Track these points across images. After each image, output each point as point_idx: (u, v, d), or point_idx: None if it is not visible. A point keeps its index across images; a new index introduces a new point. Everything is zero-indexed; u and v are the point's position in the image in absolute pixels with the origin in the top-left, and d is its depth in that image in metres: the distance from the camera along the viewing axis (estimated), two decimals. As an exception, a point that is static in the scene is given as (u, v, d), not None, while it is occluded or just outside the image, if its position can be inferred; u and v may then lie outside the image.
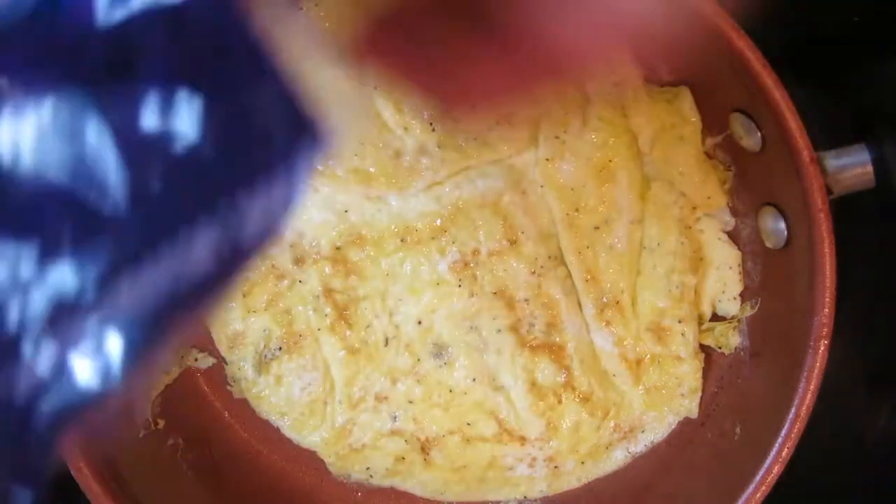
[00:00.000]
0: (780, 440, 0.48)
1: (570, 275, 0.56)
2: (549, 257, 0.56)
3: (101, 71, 0.24)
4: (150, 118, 0.24)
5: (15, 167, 0.23)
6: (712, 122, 0.56)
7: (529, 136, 0.55)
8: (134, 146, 0.24)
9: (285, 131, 0.28)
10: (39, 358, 0.24)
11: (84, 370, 0.24)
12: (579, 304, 0.57)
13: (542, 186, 0.55)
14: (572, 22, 0.30)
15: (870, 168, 0.48)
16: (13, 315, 0.24)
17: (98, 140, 0.24)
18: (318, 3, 0.54)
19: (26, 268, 0.23)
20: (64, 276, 0.24)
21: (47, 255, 0.24)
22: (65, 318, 0.24)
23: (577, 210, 0.56)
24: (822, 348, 0.48)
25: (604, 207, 0.56)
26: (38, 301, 0.24)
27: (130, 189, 0.24)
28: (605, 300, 0.57)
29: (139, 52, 0.24)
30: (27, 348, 0.24)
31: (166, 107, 0.25)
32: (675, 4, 0.36)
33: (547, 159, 0.55)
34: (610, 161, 0.55)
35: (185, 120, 0.25)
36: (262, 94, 0.27)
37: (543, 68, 0.32)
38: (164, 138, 0.25)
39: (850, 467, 0.63)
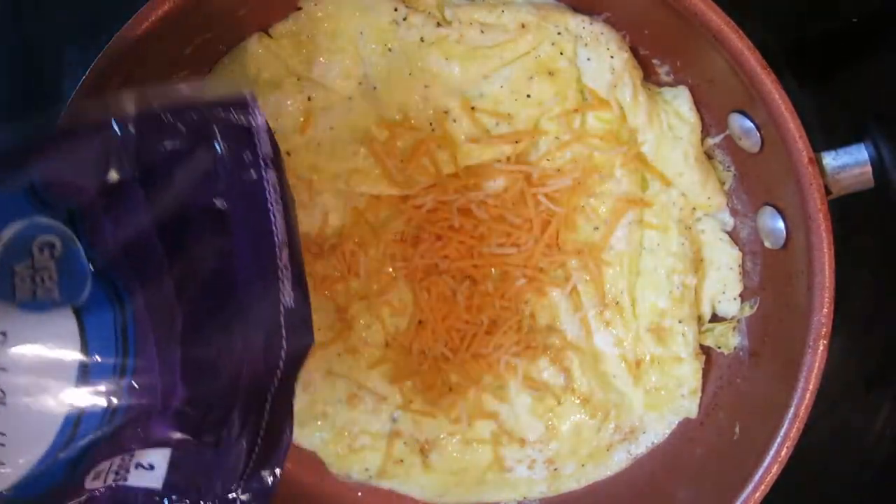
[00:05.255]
0: (779, 440, 0.48)
1: (569, 276, 0.56)
2: (549, 259, 0.56)
3: None
4: None
5: None
6: (712, 122, 0.56)
7: (530, 137, 0.55)
8: None
9: None
10: None
11: None
12: (579, 306, 0.57)
13: (542, 187, 0.55)
14: None
15: (868, 168, 0.48)
16: None
17: None
18: (318, 3, 0.55)
19: None
20: None
21: None
22: None
23: (576, 210, 0.56)
24: (821, 348, 0.48)
25: (604, 208, 0.56)
26: None
27: None
28: (605, 301, 0.57)
29: None
30: None
31: None
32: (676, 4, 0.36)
33: (547, 160, 0.55)
34: (609, 161, 0.56)
35: None
36: None
37: None
38: None
39: (850, 467, 0.63)
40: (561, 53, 0.55)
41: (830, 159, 0.48)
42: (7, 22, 0.61)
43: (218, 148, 0.36)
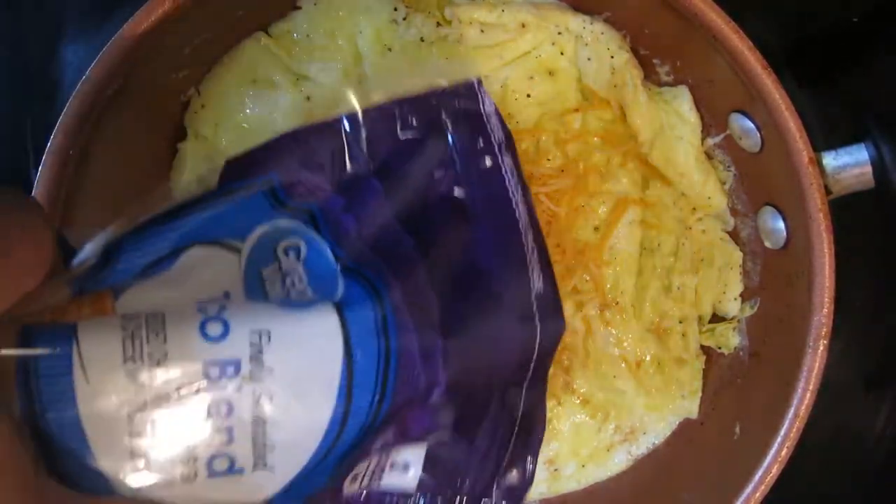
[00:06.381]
0: (779, 440, 0.48)
1: (569, 276, 0.56)
2: (549, 259, 0.56)
3: None
4: None
5: None
6: (712, 122, 0.56)
7: (530, 137, 0.55)
8: None
9: None
10: None
11: None
12: (579, 306, 0.57)
13: (542, 187, 0.55)
14: None
15: (869, 168, 0.48)
16: None
17: None
18: (318, 2, 0.55)
19: None
20: None
21: None
22: None
23: (576, 210, 0.56)
24: (821, 348, 0.48)
25: (604, 208, 0.56)
26: None
27: None
28: (605, 301, 0.57)
29: None
30: None
31: None
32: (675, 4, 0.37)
33: (548, 159, 0.55)
34: (609, 161, 0.56)
35: None
36: None
37: None
38: None
39: (850, 467, 0.63)
40: (561, 53, 0.55)
41: (830, 159, 0.48)
42: (5, 21, 0.61)
43: (450, 136, 0.35)
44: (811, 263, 0.48)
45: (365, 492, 0.35)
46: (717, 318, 0.58)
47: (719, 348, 0.58)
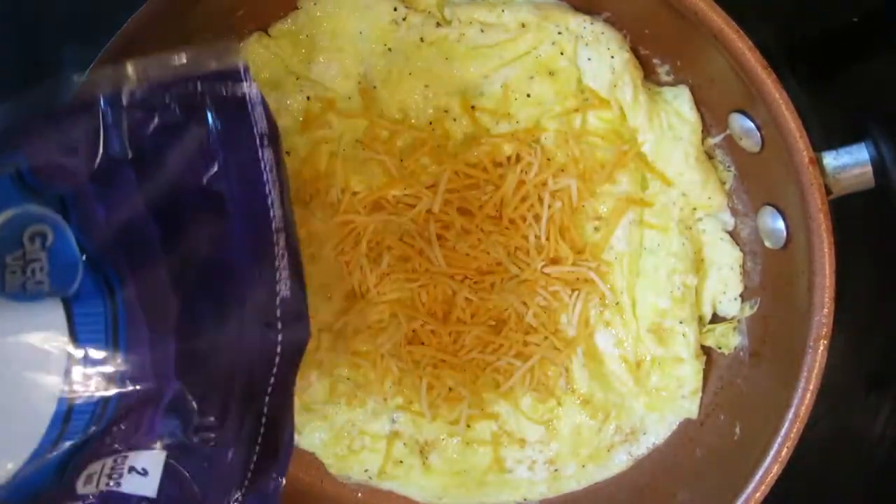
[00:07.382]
0: (779, 440, 0.48)
1: (569, 277, 0.56)
2: (550, 259, 0.56)
3: None
4: None
5: None
6: (712, 122, 0.56)
7: (531, 137, 0.55)
8: None
9: None
10: None
11: None
12: (579, 306, 0.57)
13: (542, 187, 0.55)
14: None
15: (869, 168, 0.48)
16: None
17: None
18: (318, 2, 0.55)
19: None
20: None
21: None
22: None
23: (576, 210, 0.56)
24: (821, 348, 0.48)
25: (604, 208, 0.56)
26: None
27: None
28: (605, 301, 0.57)
29: None
30: None
31: None
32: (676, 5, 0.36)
33: (548, 159, 0.55)
34: (609, 162, 0.55)
35: None
36: None
37: None
38: None
39: (850, 467, 0.63)
40: (561, 53, 0.55)
41: (831, 159, 0.48)
42: (6, 21, 0.61)
43: (211, 123, 0.34)
44: (811, 263, 0.48)
45: (102, 493, 0.34)
46: (717, 318, 0.58)
47: (719, 348, 0.58)
